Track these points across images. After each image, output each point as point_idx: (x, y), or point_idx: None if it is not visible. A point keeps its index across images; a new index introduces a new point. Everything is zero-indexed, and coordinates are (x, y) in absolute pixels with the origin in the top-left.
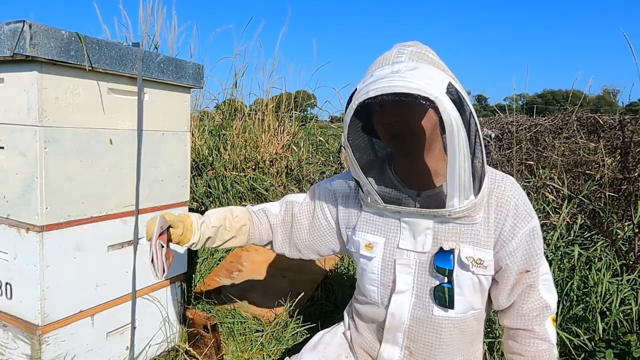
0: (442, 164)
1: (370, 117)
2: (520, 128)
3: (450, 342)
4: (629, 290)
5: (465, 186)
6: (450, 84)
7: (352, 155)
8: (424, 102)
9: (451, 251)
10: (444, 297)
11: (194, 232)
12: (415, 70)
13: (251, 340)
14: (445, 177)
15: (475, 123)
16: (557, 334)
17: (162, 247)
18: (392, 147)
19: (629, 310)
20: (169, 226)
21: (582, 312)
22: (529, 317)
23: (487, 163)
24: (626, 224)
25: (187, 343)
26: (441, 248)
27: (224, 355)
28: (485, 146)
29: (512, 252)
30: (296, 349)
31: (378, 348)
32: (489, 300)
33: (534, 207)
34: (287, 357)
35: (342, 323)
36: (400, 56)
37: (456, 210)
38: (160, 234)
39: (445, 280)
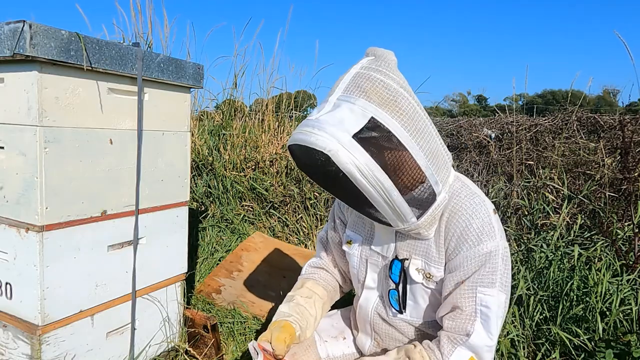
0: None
1: None
2: (520, 128)
3: (414, 338)
4: (629, 290)
5: (401, 213)
6: (372, 119)
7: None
8: (321, 156)
9: (402, 261)
10: (396, 301)
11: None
12: (331, 114)
13: (251, 340)
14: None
15: (412, 155)
16: (557, 334)
17: None
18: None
19: (629, 310)
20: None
21: (582, 312)
22: (444, 331)
23: (488, 163)
24: (626, 224)
25: (187, 343)
26: (396, 256)
27: (224, 355)
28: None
29: (451, 269)
30: None
31: (357, 334)
32: None
33: (533, 207)
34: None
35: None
36: (338, 87)
37: (401, 228)
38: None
39: (393, 286)
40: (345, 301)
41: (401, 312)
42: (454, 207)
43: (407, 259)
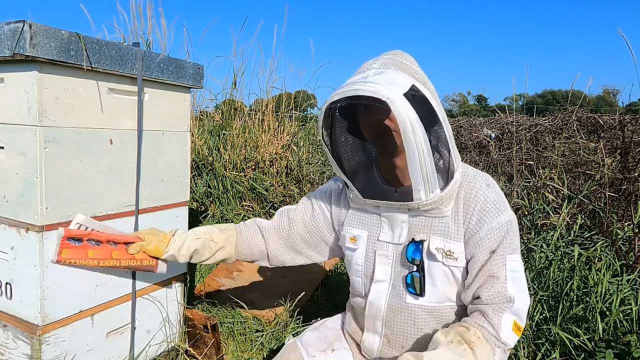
0: None
1: (348, 118)
2: (520, 128)
3: (426, 331)
4: (629, 290)
5: (430, 181)
6: (413, 86)
7: (330, 156)
8: (378, 104)
9: (421, 242)
10: (415, 285)
11: (169, 245)
12: (380, 75)
13: (251, 340)
14: None
15: (441, 124)
16: (557, 333)
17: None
18: (373, 146)
19: (629, 310)
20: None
21: (582, 312)
22: (486, 304)
23: (488, 163)
24: (626, 224)
25: (187, 343)
26: (413, 239)
27: (224, 355)
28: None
29: (478, 243)
30: None
31: (361, 336)
32: None
33: (533, 207)
34: (291, 336)
35: (344, 313)
36: (373, 63)
37: (424, 203)
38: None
39: (415, 269)
40: (331, 312)
41: (422, 295)
42: (470, 185)
43: (425, 240)
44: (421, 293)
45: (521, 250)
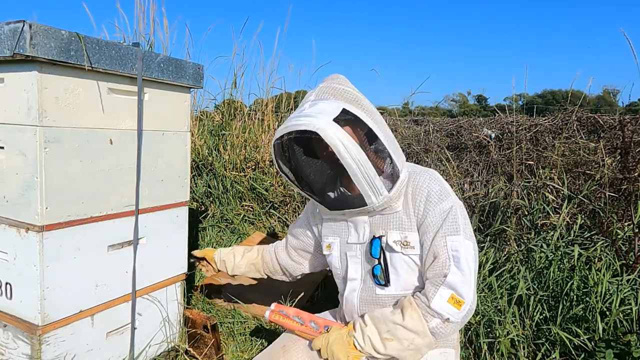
0: None
1: (303, 145)
2: (520, 128)
3: None
4: (629, 290)
5: (376, 186)
6: (344, 109)
7: (290, 182)
8: (311, 135)
9: (380, 237)
10: (380, 277)
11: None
12: (313, 107)
13: (251, 340)
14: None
15: (377, 136)
16: (557, 333)
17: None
18: (327, 168)
19: (629, 310)
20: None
21: (582, 312)
22: (428, 279)
23: (488, 163)
24: (626, 224)
25: (187, 343)
26: (374, 236)
27: (224, 355)
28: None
29: (425, 229)
30: None
31: None
32: None
33: (533, 207)
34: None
35: (337, 308)
36: (310, 95)
37: (376, 205)
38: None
39: (376, 262)
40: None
41: (387, 285)
42: (415, 181)
43: (384, 235)
44: (386, 283)
45: (521, 251)
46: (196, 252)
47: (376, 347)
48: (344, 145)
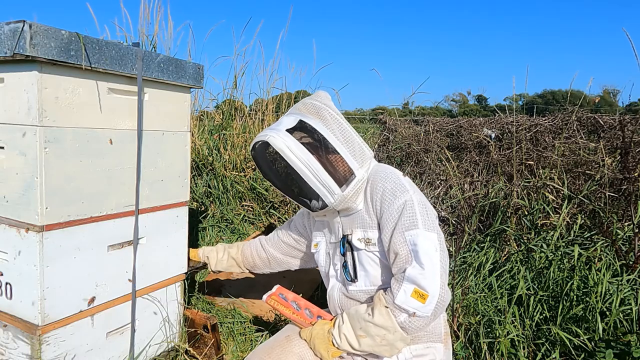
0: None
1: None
2: (520, 128)
3: None
4: (629, 290)
5: (329, 186)
6: (300, 121)
7: (279, 189)
8: (267, 146)
9: (346, 236)
10: (348, 273)
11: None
12: (276, 122)
13: (251, 340)
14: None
15: (329, 143)
16: (557, 334)
17: None
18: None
19: (629, 310)
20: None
21: (582, 312)
22: (394, 276)
23: (488, 163)
24: (626, 224)
25: (187, 343)
26: (343, 235)
27: (224, 355)
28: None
29: (383, 227)
30: None
31: None
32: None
33: (533, 207)
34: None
35: None
36: (285, 113)
37: (334, 204)
38: None
39: (343, 260)
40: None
41: (354, 281)
42: (373, 181)
43: (350, 233)
44: (353, 279)
45: (521, 251)
46: None
47: (352, 344)
48: (290, 150)
